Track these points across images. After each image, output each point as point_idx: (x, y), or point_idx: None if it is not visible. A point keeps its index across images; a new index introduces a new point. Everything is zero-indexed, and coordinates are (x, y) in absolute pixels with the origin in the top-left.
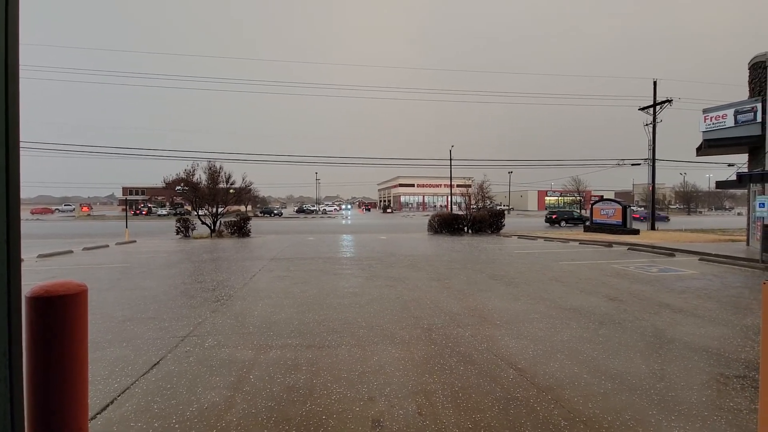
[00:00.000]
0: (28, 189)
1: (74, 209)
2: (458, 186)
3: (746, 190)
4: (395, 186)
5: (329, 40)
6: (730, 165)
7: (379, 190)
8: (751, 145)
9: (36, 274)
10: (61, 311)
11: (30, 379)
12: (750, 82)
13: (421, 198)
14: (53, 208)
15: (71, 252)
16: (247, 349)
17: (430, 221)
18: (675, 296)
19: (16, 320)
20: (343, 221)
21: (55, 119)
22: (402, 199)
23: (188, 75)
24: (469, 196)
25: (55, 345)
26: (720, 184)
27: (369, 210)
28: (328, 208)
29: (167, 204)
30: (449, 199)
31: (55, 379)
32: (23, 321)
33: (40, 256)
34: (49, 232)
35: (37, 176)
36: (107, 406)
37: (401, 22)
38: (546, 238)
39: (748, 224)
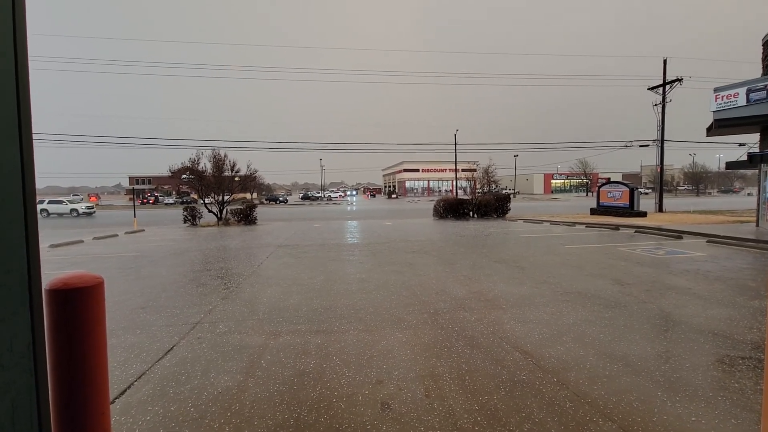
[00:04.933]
0: (37, 180)
1: (82, 199)
2: (463, 170)
3: (757, 171)
4: (400, 171)
5: (330, 23)
6: (740, 145)
7: (383, 175)
8: (763, 125)
9: (49, 264)
10: (80, 303)
11: (53, 369)
12: (763, 59)
13: (426, 183)
14: (62, 198)
15: (82, 241)
16: (257, 335)
17: (435, 206)
18: (681, 279)
19: (38, 313)
20: (349, 207)
21: (62, 109)
22: (407, 184)
23: (194, 63)
24: (474, 181)
25: (74, 335)
26: (730, 165)
27: (374, 196)
28: (333, 195)
29: (174, 193)
30: (454, 183)
31: (76, 368)
32: (44, 313)
33: (51, 245)
34: (59, 222)
35: (45, 167)
36: (125, 390)
37: (408, 5)
38: (552, 222)
39: (758, 205)
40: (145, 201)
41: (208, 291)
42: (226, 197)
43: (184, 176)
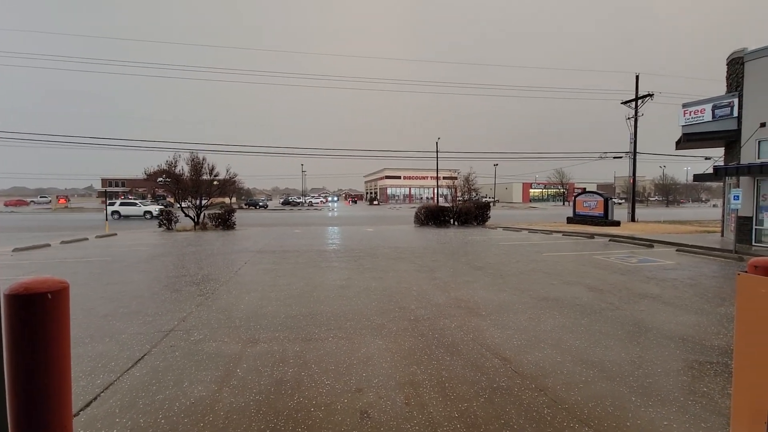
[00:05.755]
0: (2, 180)
1: (50, 201)
2: (444, 178)
3: (722, 183)
4: (382, 178)
5: (319, 32)
6: (707, 158)
7: (365, 182)
8: (727, 139)
9: (12, 269)
10: (42, 309)
11: (11, 379)
12: (727, 78)
13: (407, 190)
14: (28, 200)
15: (48, 245)
16: (233, 343)
17: (416, 213)
18: (653, 286)
19: None
20: (330, 213)
21: (32, 108)
22: (389, 191)
23: (183, 65)
24: (455, 189)
25: (35, 344)
26: (697, 177)
27: (355, 202)
28: (314, 200)
29: (149, 196)
30: (435, 191)
31: (37, 378)
32: (2, 320)
33: (15, 249)
34: (24, 224)
35: (11, 167)
36: (91, 402)
37: (394, 16)
38: (530, 230)
39: (723, 216)
40: None
41: (182, 297)
42: (203, 201)
43: (160, 179)
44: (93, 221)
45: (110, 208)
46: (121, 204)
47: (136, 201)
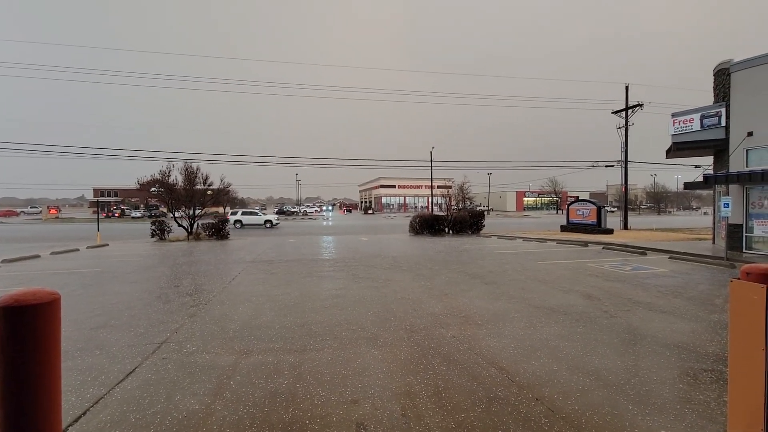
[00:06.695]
0: None
1: (41, 211)
2: (439, 187)
3: (712, 191)
4: (376, 187)
5: (314, 43)
6: (696, 167)
7: (360, 191)
8: (716, 148)
9: (0, 281)
10: (33, 321)
11: (0, 392)
12: (715, 88)
13: (402, 199)
14: (18, 210)
15: (38, 256)
16: (227, 355)
17: (411, 222)
18: (647, 294)
19: None
20: (324, 222)
21: (21, 116)
22: (383, 200)
23: (177, 74)
24: (450, 197)
25: (25, 356)
26: (687, 185)
27: (350, 211)
28: (309, 210)
29: (141, 206)
30: (430, 200)
31: (26, 391)
32: None
33: (4, 261)
34: (13, 235)
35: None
36: (80, 417)
37: (385, 27)
38: (524, 238)
39: (714, 223)
40: (110, 214)
41: (175, 308)
42: (197, 211)
43: (153, 189)
44: (84, 231)
45: (232, 217)
46: (243, 213)
47: (257, 210)
